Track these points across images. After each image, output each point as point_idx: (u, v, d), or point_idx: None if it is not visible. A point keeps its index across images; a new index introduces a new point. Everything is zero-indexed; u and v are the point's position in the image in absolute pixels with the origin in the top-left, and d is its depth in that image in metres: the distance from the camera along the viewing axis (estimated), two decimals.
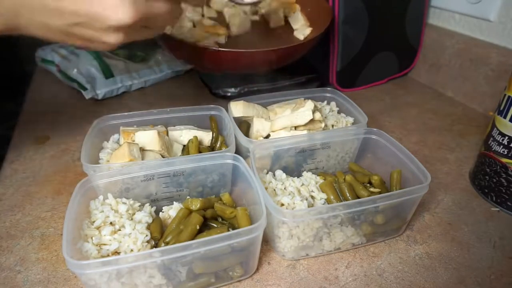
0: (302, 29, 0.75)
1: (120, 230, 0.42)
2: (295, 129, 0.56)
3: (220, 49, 0.61)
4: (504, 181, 0.51)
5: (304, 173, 0.52)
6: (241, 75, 0.81)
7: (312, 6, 0.77)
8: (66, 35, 0.42)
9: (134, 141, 0.51)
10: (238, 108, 0.58)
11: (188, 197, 0.50)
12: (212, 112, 0.60)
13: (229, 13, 0.74)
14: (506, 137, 0.50)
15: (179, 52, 0.68)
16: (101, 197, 0.44)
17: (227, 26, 0.72)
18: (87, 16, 0.39)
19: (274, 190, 0.49)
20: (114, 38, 0.42)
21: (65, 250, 0.34)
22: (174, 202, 0.47)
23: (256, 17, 0.78)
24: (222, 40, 0.70)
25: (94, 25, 0.40)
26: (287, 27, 0.78)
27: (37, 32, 0.42)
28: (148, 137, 0.50)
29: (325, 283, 0.43)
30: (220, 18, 0.74)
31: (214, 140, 0.57)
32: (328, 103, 0.65)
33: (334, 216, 0.43)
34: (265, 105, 0.62)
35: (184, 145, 0.56)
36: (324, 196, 0.48)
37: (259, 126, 0.57)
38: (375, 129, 0.54)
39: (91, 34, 0.41)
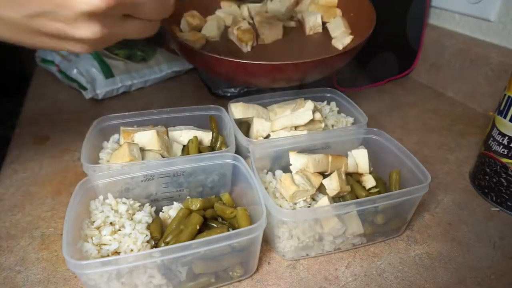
0: (341, 37, 0.65)
1: (120, 230, 0.42)
2: (295, 129, 0.56)
3: (226, 59, 0.52)
4: (504, 181, 0.51)
5: None
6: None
7: (356, 10, 0.67)
8: (28, 31, 0.33)
9: (134, 141, 0.51)
10: (237, 110, 0.58)
11: (188, 197, 0.50)
12: (212, 112, 0.60)
13: (259, 19, 0.67)
14: (506, 137, 0.50)
15: (193, 61, 0.62)
16: (101, 197, 0.44)
17: (256, 33, 0.66)
18: (49, 2, 0.31)
19: (275, 189, 0.49)
20: (88, 31, 0.33)
21: (65, 250, 0.34)
22: (174, 202, 0.47)
23: (293, 23, 0.71)
24: (247, 48, 0.64)
25: (61, 13, 0.32)
26: (326, 34, 0.68)
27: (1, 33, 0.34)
28: (147, 137, 0.50)
29: (325, 283, 0.43)
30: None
31: (214, 140, 0.57)
32: (328, 103, 0.65)
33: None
34: (265, 105, 0.62)
35: (184, 145, 0.56)
36: (324, 196, 0.48)
37: (259, 126, 0.57)
38: (375, 129, 0.54)
39: (59, 27, 0.33)
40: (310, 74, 0.59)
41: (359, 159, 0.52)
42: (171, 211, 0.46)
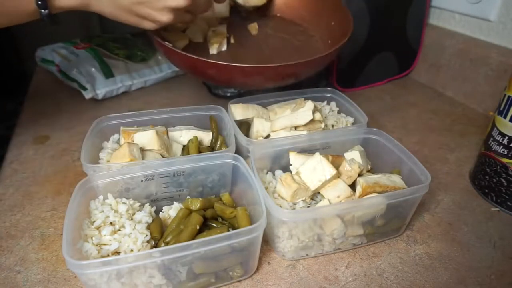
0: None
1: (120, 230, 0.42)
2: (295, 129, 0.56)
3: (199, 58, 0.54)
4: (504, 181, 0.51)
5: None
6: None
7: (337, 20, 0.70)
8: (128, 12, 0.50)
9: (133, 141, 0.51)
10: (237, 110, 0.58)
11: (188, 197, 0.50)
12: (212, 112, 0.60)
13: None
14: (506, 137, 0.50)
15: (176, 62, 0.63)
16: (101, 197, 0.44)
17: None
18: None
19: (274, 190, 0.49)
20: (166, 17, 0.50)
21: (65, 250, 0.34)
22: (174, 202, 0.47)
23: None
24: (213, 50, 0.66)
25: (155, 5, 0.49)
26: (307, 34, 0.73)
27: (105, 9, 0.50)
28: (147, 137, 0.51)
29: (325, 283, 0.43)
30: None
31: (214, 140, 0.57)
32: (328, 103, 0.65)
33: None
34: (265, 105, 0.62)
35: (184, 145, 0.56)
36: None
37: (259, 126, 0.57)
38: (375, 129, 0.54)
39: (149, 12, 0.50)
40: (276, 80, 0.60)
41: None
42: (171, 211, 0.46)
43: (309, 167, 0.46)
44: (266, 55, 0.66)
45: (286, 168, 0.51)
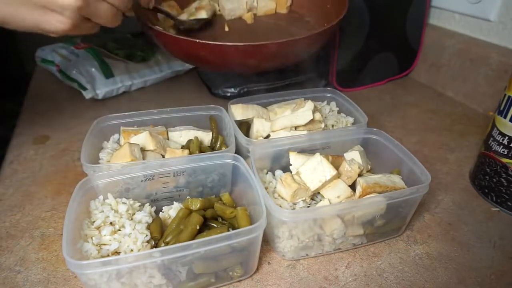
0: None
1: (120, 230, 0.42)
2: (295, 129, 0.56)
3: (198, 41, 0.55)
4: (504, 181, 0.51)
5: None
6: (241, 74, 0.80)
7: (332, 1, 0.72)
8: (18, 1, 0.41)
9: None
10: (237, 111, 0.58)
11: (188, 197, 0.50)
12: (212, 112, 0.60)
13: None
14: (506, 137, 0.50)
15: (169, 47, 0.63)
16: (101, 197, 0.44)
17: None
18: None
19: (274, 190, 0.49)
20: (66, 17, 0.42)
21: (65, 250, 0.34)
22: (174, 202, 0.47)
23: None
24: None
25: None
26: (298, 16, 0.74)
27: None
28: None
29: (325, 283, 0.43)
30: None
31: (214, 140, 0.57)
32: (328, 103, 0.65)
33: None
34: (265, 105, 0.62)
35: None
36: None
37: (259, 126, 0.57)
38: (375, 129, 0.54)
39: (47, 1, 0.41)
40: (272, 58, 0.60)
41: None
42: (171, 211, 0.46)
43: (309, 167, 0.46)
44: (260, 40, 0.66)
45: (286, 168, 0.51)
